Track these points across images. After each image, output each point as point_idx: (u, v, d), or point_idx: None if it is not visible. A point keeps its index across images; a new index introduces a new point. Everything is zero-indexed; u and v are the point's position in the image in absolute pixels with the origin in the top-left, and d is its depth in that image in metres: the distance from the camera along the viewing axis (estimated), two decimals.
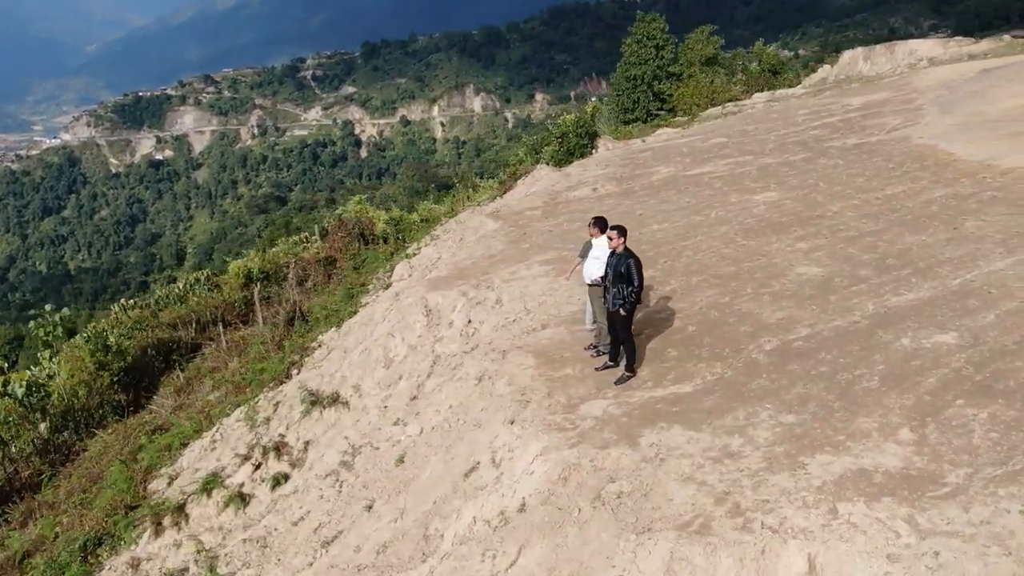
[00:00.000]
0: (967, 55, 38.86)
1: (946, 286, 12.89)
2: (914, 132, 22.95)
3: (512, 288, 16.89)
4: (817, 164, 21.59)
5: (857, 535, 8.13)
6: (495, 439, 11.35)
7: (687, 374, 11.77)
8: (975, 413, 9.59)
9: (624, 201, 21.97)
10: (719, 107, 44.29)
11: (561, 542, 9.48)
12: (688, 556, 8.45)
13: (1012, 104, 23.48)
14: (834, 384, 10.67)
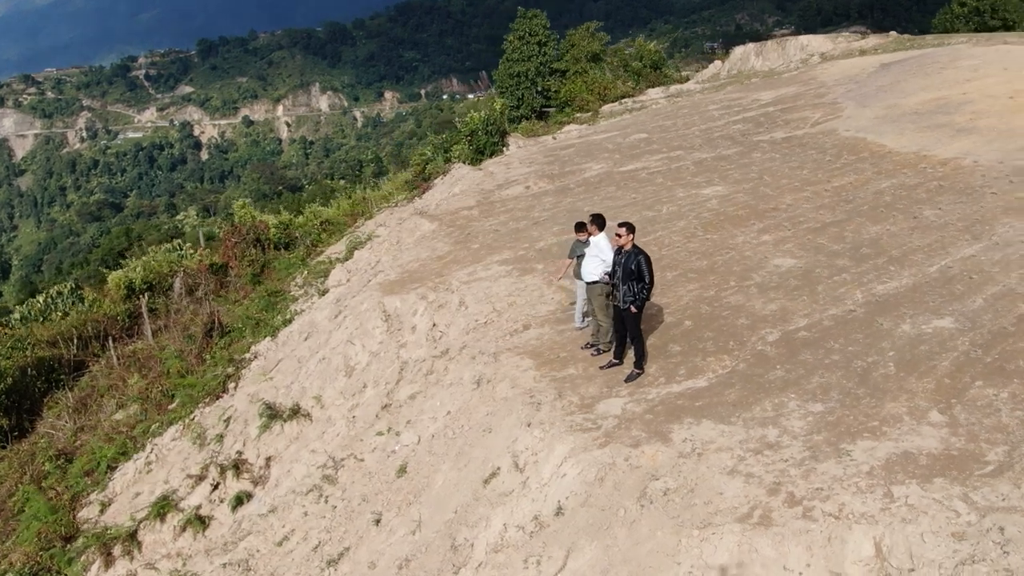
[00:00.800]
0: (858, 50, 41.40)
1: (925, 273, 13.82)
2: (839, 125, 24.35)
3: (474, 290, 16.95)
4: (753, 158, 22.59)
5: (919, 516, 8.66)
6: (514, 443, 11.41)
7: (698, 368, 12.17)
8: (996, 393, 10.37)
9: (564, 198, 22.34)
10: (616, 103, 45.49)
11: (611, 543, 9.66)
12: (757, 547, 8.79)
13: (925, 97, 25.25)
14: (851, 372, 11.29)
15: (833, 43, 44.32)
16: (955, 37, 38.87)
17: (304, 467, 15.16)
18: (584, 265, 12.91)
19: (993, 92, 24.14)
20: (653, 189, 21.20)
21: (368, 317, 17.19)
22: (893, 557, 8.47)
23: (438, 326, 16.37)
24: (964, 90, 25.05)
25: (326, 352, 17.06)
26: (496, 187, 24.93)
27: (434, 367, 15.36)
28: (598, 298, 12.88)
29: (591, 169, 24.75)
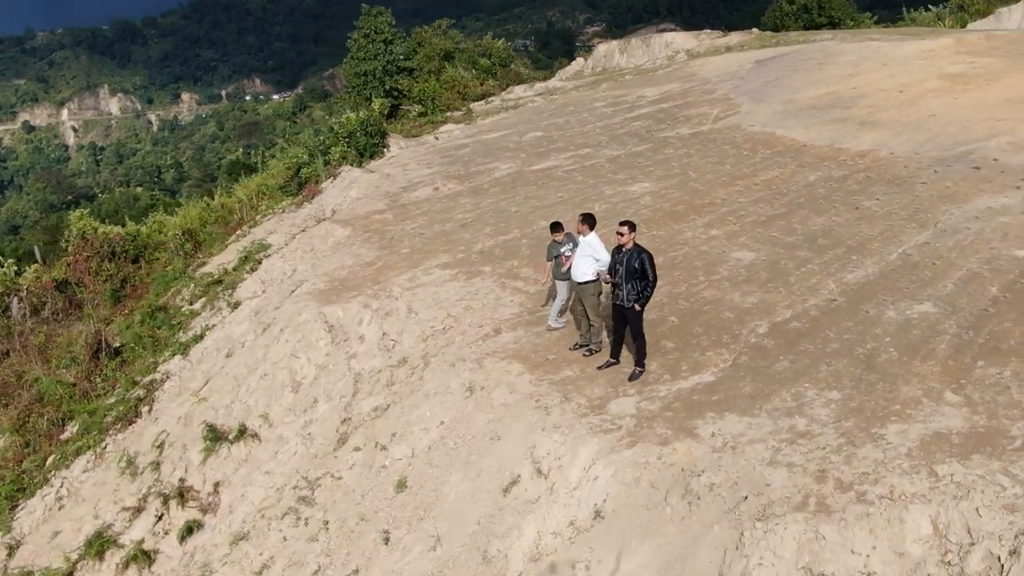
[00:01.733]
0: (723, 47, 43.56)
1: (888, 261, 14.83)
2: (741, 120, 25.60)
3: (421, 296, 16.85)
4: (667, 154, 23.45)
5: (969, 492, 9.33)
6: (533, 449, 11.46)
7: (699, 364, 12.61)
8: (999, 372, 11.30)
9: (482, 199, 22.44)
10: (481, 102, 45.92)
11: (663, 541, 9.91)
12: (824, 534, 9.24)
13: (816, 93, 26.95)
14: (856, 359, 12.00)
15: (697, 40, 46.40)
16: (820, 34, 41.51)
17: (262, 490, 14.63)
18: (576, 265, 13.08)
19: (882, 86, 26.03)
20: (576, 187, 21.62)
21: (310, 329, 16.75)
22: (951, 533, 9.08)
23: (389, 335, 16.17)
24: (852, 85, 26.88)
25: (267, 368, 16.50)
26: (401, 189, 24.72)
27: (394, 377, 15.19)
28: (591, 298, 13.09)
29: (499, 169, 24.94)
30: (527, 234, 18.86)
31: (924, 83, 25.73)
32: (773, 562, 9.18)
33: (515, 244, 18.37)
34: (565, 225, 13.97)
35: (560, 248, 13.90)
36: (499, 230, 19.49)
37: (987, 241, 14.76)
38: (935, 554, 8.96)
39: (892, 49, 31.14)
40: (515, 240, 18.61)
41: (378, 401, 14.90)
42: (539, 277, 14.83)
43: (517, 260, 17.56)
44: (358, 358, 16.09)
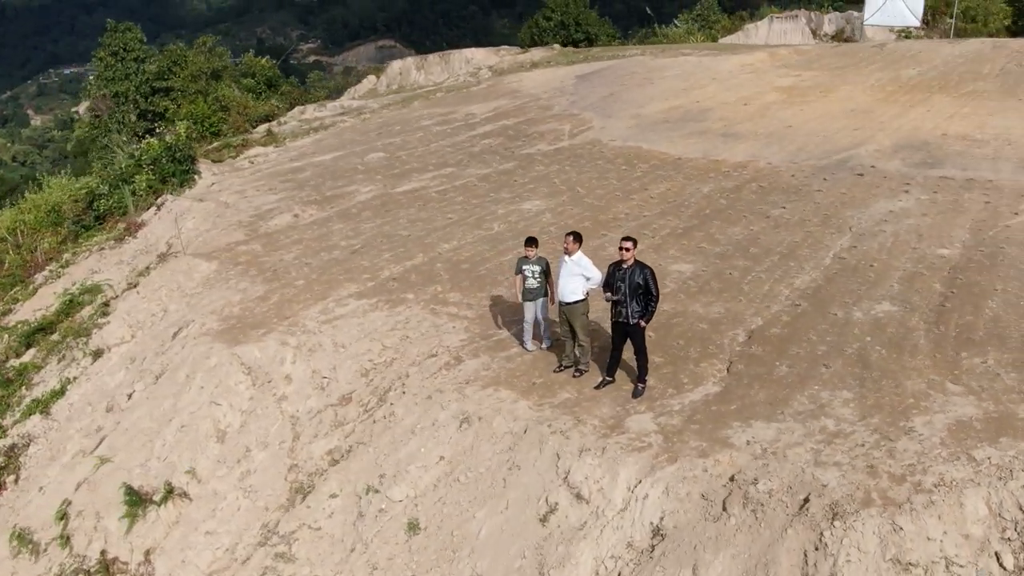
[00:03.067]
0: (528, 63, 45.23)
1: (825, 266, 16.24)
2: (599, 136, 26.87)
3: (343, 329, 16.56)
4: (539, 171, 24.22)
5: (1012, 472, 10.56)
6: (567, 475, 11.65)
7: (698, 375, 13.31)
8: (983, 361, 12.77)
9: (359, 224, 22.17)
10: (276, 123, 44.98)
11: (738, 551, 10.45)
12: (900, 525, 10.14)
13: (662, 106, 28.79)
14: (849, 359, 13.14)
15: (498, 56, 47.85)
16: (627, 50, 44.08)
17: (208, 552, 13.87)
18: (564, 284, 13.36)
19: (724, 100, 28.22)
20: (461, 207, 21.88)
21: (226, 372, 15.99)
22: (1004, 512, 10.25)
23: (320, 372, 15.80)
24: (695, 99, 28.93)
25: (184, 419, 15.56)
26: (253, 218, 23.91)
27: (341, 417, 14.90)
28: (581, 318, 13.45)
29: (360, 192, 24.72)
30: (436, 258, 18.88)
31: (763, 96, 28.09)
32: (859, 558, 9.91)
33: (428, 269, 18.35)
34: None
35: (524, 266, 14.13)
36: (400, 256, 19.37)
37: (907, 242, 16.49)
38: (995, 532, 10.02)
39: (714, 64, 33.71)
40: (425, 265, 18.59)
41: (331, 443, 14.49)
42: (518, 297, 14.95)
43: (439, 285, 17.56)
44: (289, 400, 15.56)
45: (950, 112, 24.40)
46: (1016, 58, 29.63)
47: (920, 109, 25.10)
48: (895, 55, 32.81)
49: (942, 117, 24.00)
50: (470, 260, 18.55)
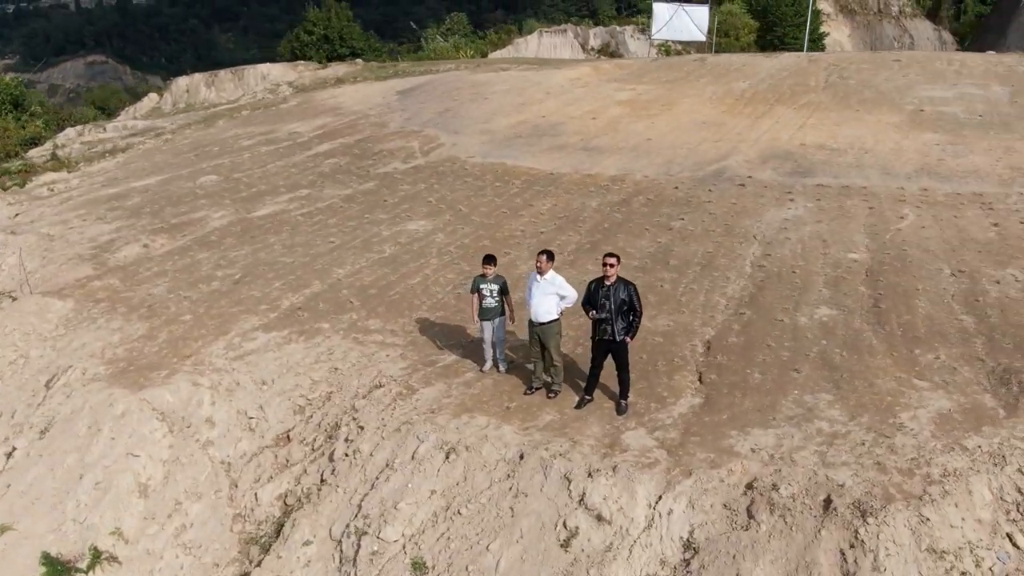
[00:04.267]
0: (332, 79, 44.77)
1: (747, 273, 17.19)
2: (456, 152, 27.06)
3: (260, 365, 15.97)
4: (406, 190, 24.14)
5: (1004, 458, 11.68)
6: (584, 497, 11.71)
7: (675, 388, 13.77)
8: (935, 357, 13.99)
9: (227, 253, 21.26)
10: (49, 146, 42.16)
11: (776, 556, 10.94)
12: (928, 516, 10.99)
13: (510, 122, 29.38)
14: (816, 362, 14.02)
15: (296, 72, 47.03)
16: (442, 64, 44.43)
17: None
18: (538, 304, 13.45)
19: (570, 114, 29.18)
20: (340, 231, 21.47)
21: (138, 421, 14.97)
22: (1006, 495, 11.34)
23: (245, 413, 15.15)
24: (538, 113, 29.72)
25: (97, 475, 14.39)
26: (94, 251, 22.39)
27: (284, 458, 14.39)
28: (556, 337, 13.59)
29: (212, 218, 23.70)
30: (336, 284, 18.45)
31: (608, 110, 29.27)
32: (897, 551, 10.62)
33: (333, 297, 17.90)
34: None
35: (481, 285, 14.17)
36: (294, 284, 18.77)
37: (815, 248, 17.76)
38: (1001, 515, 11.06)
39: (542, 79, 34.73)
40: (328, 292, 18.13)
41: (280, 488, 13.92)
42: (472, 316, 14.84)
43: (353, 313, 17.19)
44: (216, 445, 14.80)
45: (798, 123, 26.36)
46: (834, 71, 32.37)
47: (768, 121, 26.94)
48: (720, 69, 34.97)
49: (792, 128, 25.88)
50: (375, 285, 18.22)
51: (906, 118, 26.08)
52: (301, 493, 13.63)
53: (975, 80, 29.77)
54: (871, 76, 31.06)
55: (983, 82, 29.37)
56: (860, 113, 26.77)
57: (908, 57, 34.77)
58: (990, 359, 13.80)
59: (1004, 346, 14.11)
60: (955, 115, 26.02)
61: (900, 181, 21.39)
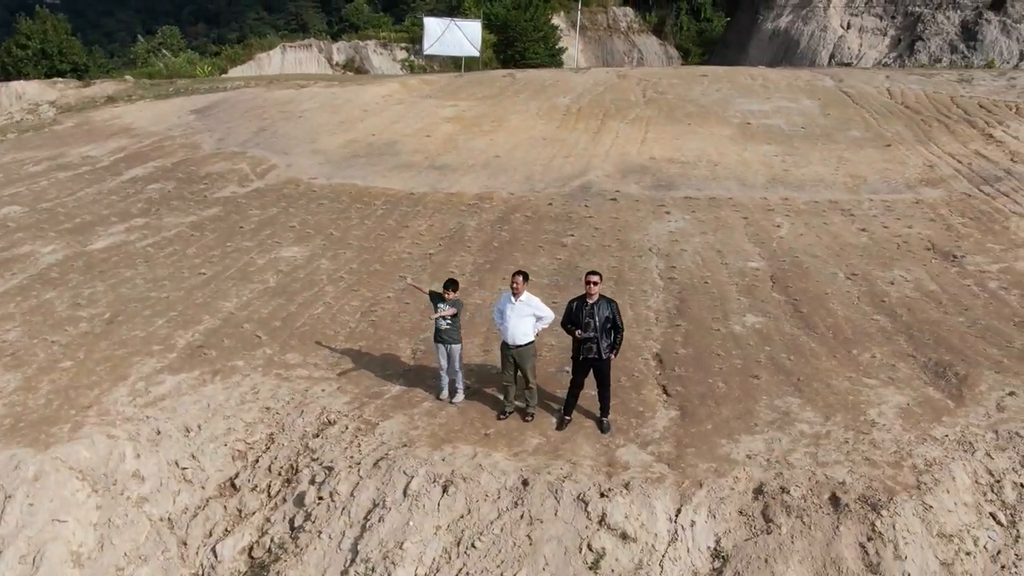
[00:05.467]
0: (102, 96, 42.20)
1: (663, 287, 17.98)
2: (294, 174, 26.39)
3: (179, 411, 15.11)
4: (258, 215, 23.34)
5: (970, 445, 13.03)
6: (605, 517, 11.88)
7: (647, 402, 14.22)
8: (871, 356, 15.27)
9: (79, 290, 19.71)
10: None
11: (803, 555, 11.62)
12: (930, 504, 12.08)
13: (339, 141, 29.00)
14: (769, 368, 14.90)
15: (56, 90, 44.02)
16: (228, 81, 42.87)
17: None
18: (515, 327, 13.50)
19: (401, 132, 29.25)
20: (206, 261, 20.49)
21: (56, 482, 13.73)
22: (980, 478, 12.70)
23: (179, 463, 14.33)
24: (367, 131, 29.58)
25: (22, 548, 13.10)
26: None
27: (239, 508, 13.78)
28: (531, 359, 13.74)
29: (42, 253, 21.92)
30: (230, 318, 17.65)
31: (439, 128, 29.56)
32: (913, 539, 11.62)
33: (234, 332, 17.10)
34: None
35: (439, 303, 14.14)
36: (179, 320, 17.75)
37: (713, 259, 18.87)
38: (980, 497, 12.38)
39: (352, 95, 34.57)
40: (226, 328, 17.29)
41: (243, 540, 13.27)
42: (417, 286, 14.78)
43: (266, 348, 16.53)
44: (152, 501, 13.89)
45: (639, 137, 27.68)
46: (648, 86, 34.18)
47: (608, 136, 28.11)
48: (534, 85, 35.97)
49: (636, 142, 27.15)
50: (276, 317, 17.58)
51: (737, 131, 28.01)
52: (272, 544, 12.98)
53: (784, 94, 32.39)
54: (686, 91, 33.07)
55: (792, 96, 32.01)
56: (692, 127, 28.45)
57: (713, 72, 37.23)
58: (919, 355, 15.16)
59: (926, 342, 15.54)
60: (780, 127, 28.22)
61: (759, 191, 22.97)
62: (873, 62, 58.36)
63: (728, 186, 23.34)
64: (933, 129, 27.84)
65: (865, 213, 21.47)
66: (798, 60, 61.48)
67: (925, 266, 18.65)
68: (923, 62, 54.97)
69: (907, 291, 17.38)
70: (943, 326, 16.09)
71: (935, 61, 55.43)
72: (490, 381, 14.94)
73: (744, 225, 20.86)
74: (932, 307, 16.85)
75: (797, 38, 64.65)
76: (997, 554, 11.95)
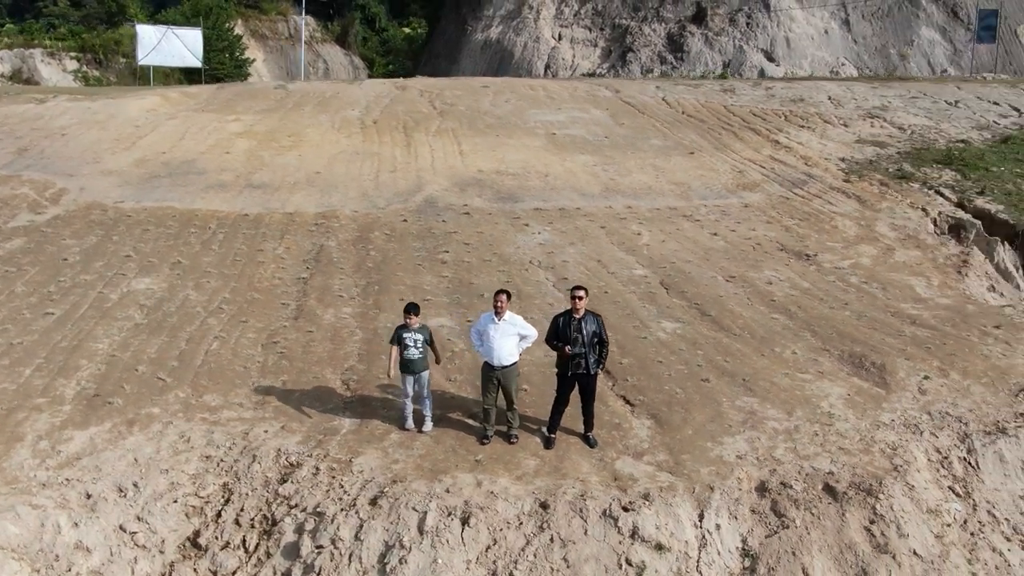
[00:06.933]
0: None
1: (564, 299, 18.67)
2: (95, 198, 24.13)
3: (105, 469, 13.66)
4: (76, 245, 21.30)
5: (917, 427, 14.71)
6: (636, 530, 12.28)
7: (617, 414, 14.70)
8: (794, 352, 16.58)
9: None
10: None
11: (824, 544, 12.65)
12: (912, 484, 13.53)
13: (128, 160, 26.81)
14: (714, 370, 15.77)
15: None
16: None
17: None
18: (501, 347, 13.51)
19: (195, 149, 27.91)
20: (43, 300, 18.45)
21: None
22: (931, 456, 14.40)
23: (126, 528, 13.23)
24: (157, 150, 27.92)
25: None
26: None
27: (215, 567, 13.04)
28: (516, 379, 13.93)
29: None
30: (115, 362, 16.06)
31: (234, 144, 28.54)
32: (910, 517, 12.99)
33: (130, 377, 15.62)
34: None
35: (404, 335, 14.04)
36: (52, 368, 15.83)
37: (597, 268, 19.71)
38: (935, 473, 14.09)
39: (114, 110, 32.56)
40: (116, 373, 15.71)
41: None
42: (388, 371, 14.36)
43: (177, 391, 15.47)
44: (107, 573, 12.85)
45: (454, 150, 27.97)
46: (433, 98, 34.47)
47: (423, 148, 28.18)
48: (312, 97, 35.16)
49: (454, 155, 27.45)
50: (169, 356, 16.41)
51: (547, 142, 29.05)
52: None
53: (572, 105, 33.88)
54: (474, 102, 33.76)
55: (581, 106, 33.57)
56: (502, 138, 29.18)
57: (493, 83, 38.12)
58: (831, 348, 16.73)
59: (830, 336, 17.16)
60: (585, 138, 29.59)
61: (600, 201, 24.08)
62: (587, 72, 61.69)
63: (569, 196, 24.24)
64: (723, 137, 30.29)
65: (706, 218, 23.09)
66: (514, 71, 63.70)
67: (788, 266, 20.42)
68: (636, 72, 58.89)
69: (787, 290, 18.98)
70: (836, 320, 17.74)
71: (647, 71, 59.53)
72: (449, 406, 14.84)
73: (605, 234, 21.81)
74: (817, 304, 18.51)
75: (511, 49, 66.96)
76: (964, 523, 13.47)
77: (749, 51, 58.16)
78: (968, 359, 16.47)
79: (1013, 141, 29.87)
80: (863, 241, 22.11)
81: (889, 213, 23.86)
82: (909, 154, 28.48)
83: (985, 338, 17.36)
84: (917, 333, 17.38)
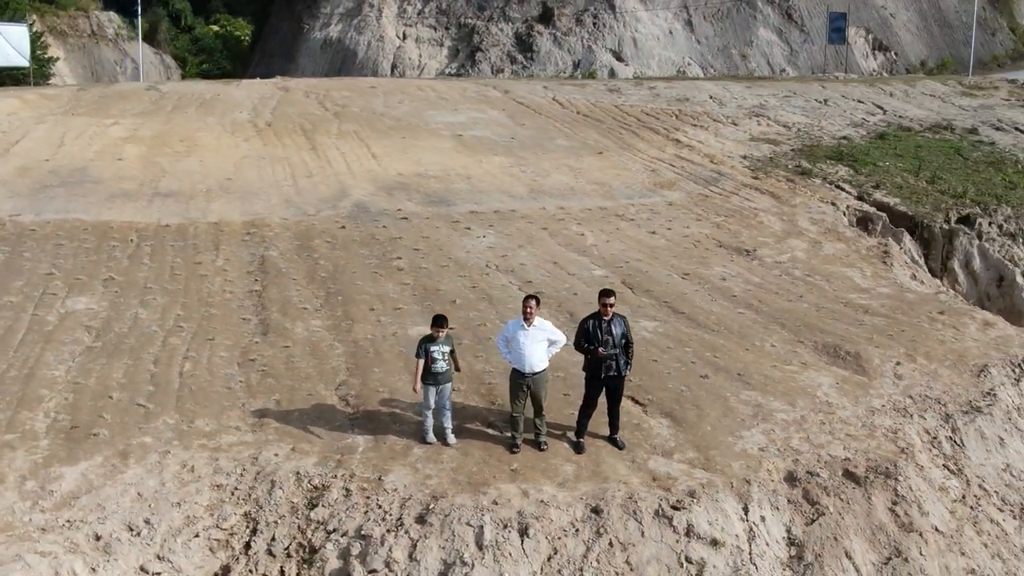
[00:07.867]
0: None
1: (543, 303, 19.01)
2: None
3: (108, 508, 12.95)
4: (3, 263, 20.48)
5: (906, 410, 15.80)
6: (691, 528, 12.68)
7: (631, 414, 15.11)
8: (773, 345, 17.32)
9: None
10: None
11: (856, 528, 13.51)
12: (922, 464, 14.55)
13: (7, 168, 25.81)
14: (708, 366, 16.33)
15: None
16: None
17: None
18: (532, 353, 13.62)
19: (82, 156, 26.46)
20: None
21: None
22: (923, 436, 15.49)
23: (148, 569, 12.66)
24: (37, 157, 26.28)
25: None
26: None
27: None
28: (546, 385, 14.19)
29: None
30: (80, 389, 15.01)
31: (123, 149, 27.41)
32: (927, 496, 14.00)
33: (106, 404, 14.60)
34: None
35: (431, 347, 14.10)
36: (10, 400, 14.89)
37: (556, 271, 20.03)
38: (930, 453, 15.22)
39: None
40: (85, 400, 14.69)
41: None
42: (415, 385, 14.28)
43: (165, 417, 14.84)
44: None
45: (366, 153, 27.62)
46: (322, 99, 33.76)
47: (333, 152, 27.67)
48: (191, 99, 33.78)
49: (367, 158, 27.11)
50: (141, 380, 15.57)
51: (457, 143, 29.15)
52: None
53: (467, 105, 34.04)
54: (367, 103, 33.47)
55: (477, 107, 33.77)
56: (410, 140, 29.11)
57: (380, 84, 37.82)
58: (804, 340, 17.66)
59: (799, 328, 18.11)
60: (491, 139, 29.85)
61: (530, 202, 24.42)
62: (435, 72, 61.95)
63: (499, 198, 24.48)
64: (625, 136, 31.18)
65: (638, 217, 23.81)
66: (358, 71, 63.12)
67: (733, 262, 21.34)
68: (487, 72, 59.52)
69: (742, 285, 19.87)
70: (799, 313, 18.72)
71: (497, 71, 60.25)
72: (462, 417, 14.87)
73: (549, 236, 22.18)
74: (774, 297, 19.46)
75: (354, 48, 66.40)
76: (963, 498, 14.59)
77: (598, 51, 59.69)
78: (927, 344, 17.64)
79: (888, 138, 32.00)
80: (790, 236, 23.27)
81: (805, 208, 25.19)
82: (802, 151, 30.09)
83: (934, 323, 18.60)
84: (875, 322, 18.45)
